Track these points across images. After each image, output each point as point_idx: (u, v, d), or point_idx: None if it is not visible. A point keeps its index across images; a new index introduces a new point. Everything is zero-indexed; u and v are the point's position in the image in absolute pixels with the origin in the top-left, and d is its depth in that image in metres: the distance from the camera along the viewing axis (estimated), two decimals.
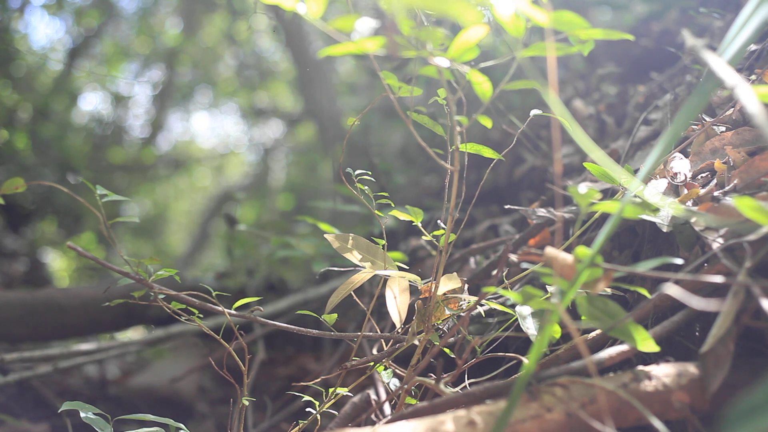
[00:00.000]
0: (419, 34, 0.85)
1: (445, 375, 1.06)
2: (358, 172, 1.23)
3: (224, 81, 9.07)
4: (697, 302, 0.77)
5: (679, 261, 0.92)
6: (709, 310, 0.80)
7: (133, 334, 3.47)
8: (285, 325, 1.24)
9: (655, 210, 1.11)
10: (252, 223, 6.68)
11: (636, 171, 1.45)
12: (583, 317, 0.92)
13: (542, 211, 1.54)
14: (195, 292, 1.19)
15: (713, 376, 0.86)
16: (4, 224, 5.04)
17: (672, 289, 0.80)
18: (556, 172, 0.81)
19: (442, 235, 1.14)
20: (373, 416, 1.36)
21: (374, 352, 1.47)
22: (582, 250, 0.86)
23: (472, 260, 1.88)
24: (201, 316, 1.23)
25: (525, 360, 1.08)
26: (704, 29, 2.01)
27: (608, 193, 1.54)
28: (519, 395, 0.78)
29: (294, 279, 3.65)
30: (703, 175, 1.25)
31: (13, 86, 6.01)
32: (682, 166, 1.27)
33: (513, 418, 0.82)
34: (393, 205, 1.28)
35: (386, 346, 1.27)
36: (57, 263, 6.00)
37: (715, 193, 1.13)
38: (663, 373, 0.88)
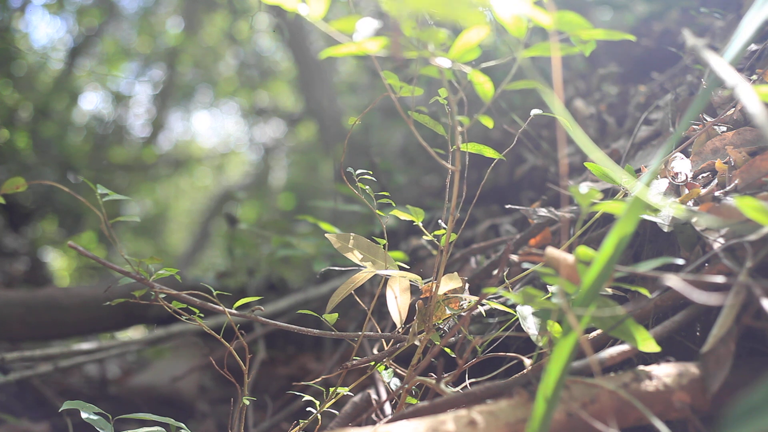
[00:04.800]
0: (421, 35, 0.85)
1: (445, 375, 1.06)
2: (358, 171, 1.23)
3: (225, 80, 9.07)
4: (698, 296, 0.77)
5: (680, 261, 0.92)
6: (710, 304, 0.80)
7: (134, 333, 3.48)
8: (286, 324, 1.25)
9: (656, 210, 1.11)
10: (253, 222, 6.68)
11: (637, 171, 1.45)
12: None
13: (543, 211, 1.54)
14: (196, 292, 1.19)
15: (714, 376, 0.86)
16: (4, 223, 5.04)
17: (673, 281, 0.79)
18: (562, 172, 0.81)
19: (443, 234, 1.15)
20: (373, 416, 1.36)
21: (375, 351, 1.47)
22: (583, 251, 0.86)
23: (472, 260, 1.88)
24: (202, 315, 1.23)
25: (526, 360, 1.09)
26: (705, 29, 2.00)
27: (609, 193, 1.54)
28: (559, 391, 0.78)
29: (295, 278, 3.65)
30: (704, 175, 1.25)
31: (13, 85, 6.01)
32: (683, 166, 1.27)
33: (513, 417, 0.82)
34: (394, 205, 1.28)
35: (387, 345, 1.27)
36: (57, 262, 6.00)
37: (716, 193, 1.13)
38: (664, 373, 0.88)
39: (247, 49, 8.41)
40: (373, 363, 1.24)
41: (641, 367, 0.89)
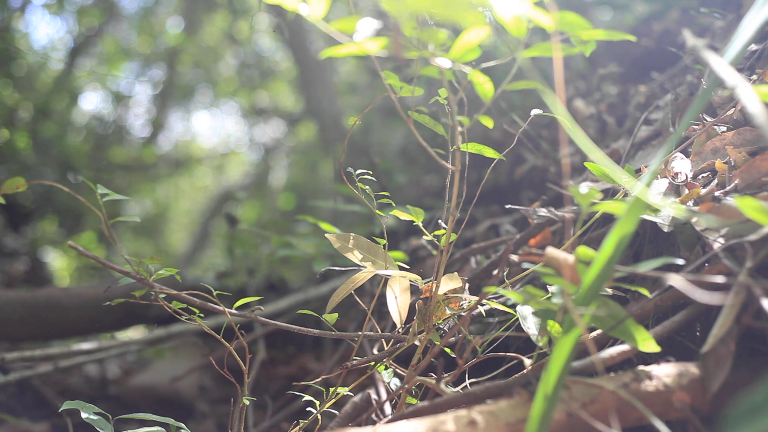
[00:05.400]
0: (421, 35, 0.85)
1: (445, 375, 1.06)
2: (358, 171, 1.23)
3: (225, 80, 9.08)
4: (699, 294, 0.77)
5: (680, 261, 0.92)
6: (711, 303, 0.80)
7: (134, 333, 3.48)
8: (286, 324, 1.25)
9: (656, 210, 1.11)
10: (253, 222, 6.68)
11: (637, 171, 1.45)
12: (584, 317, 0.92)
13: (543, 211, 1.54)
14: (196, 292, 1.19)
15: (714, 376, 0.86)
16: (4, 223, 5.04)
17: (675, 280, 0.79)
18: (564, 171, 0.81)
19: (443, 234, 1.15)
20: (373, 416, 1.36)
21: (375, 351, 1.47)
22: (583, 251, 0.86)
23: (472, 260, 1.88)
24: (202, 315, 1.23)
25: (526, 360, 1.09)
26: (705, 29, 2.01)
27: (609, 193, 1.54)
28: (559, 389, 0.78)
29: (295, 278, 3.66)
30: (704, 175, 1.25)
31: (14, 85, 6.01)
32: (683, 166, 1.27)
33: (513, 417, 0.82)
34: (394, 205, 1.28)
35: (387, 345, 1.27)
36: (58, 262, 6.00)
37: (716, 193, 1.13)
38: (664, 373, 0.88)
39: (247, 49, 8.41)
40: (373, 363, 1.24)
41: (641, 367, 0.89)
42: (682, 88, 1.77)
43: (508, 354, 1.19)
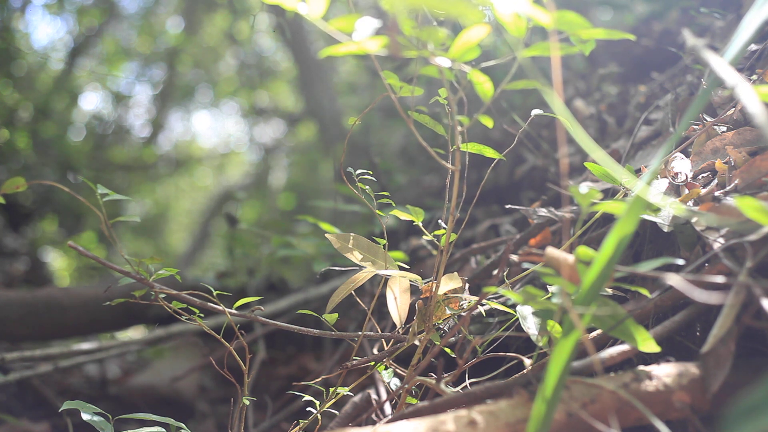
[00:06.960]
0: (420, 34, 0.85)
1: (445, 375, 1.06)
2: (358, 171, 1.23)
3: (225, 80, 9.08)
4: (699, 294, 0.77)
5: (680, 261, 0.92)
6: (710, 303, 0.80)
7: (134, 333, 3.48)
8: (286, 324, 1.24)
9: (656, 210, 1.11)
10: (253, 222, 6.69)
11: (637, 171, 1.45)
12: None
13: (543, 211, 1.54)
14: (196, 292, 1.18)
15: (714, 376, 0.86)
16: (4, 223, 5.04)
17: (674, 280, 0.79)
18: (562, 171, 0.81)
19: (443, 234, 1.14)
20: (373, 416, 1.36)
21: (375, 351, 1.47)
22: (583, 251, 0.86)
23: (472, 260, 1.88)
24: (202, 315, 1.23)
25: (526, 360, 1.08)
26: (705, 29, 2.01)
27: (609, 193, 1.54)
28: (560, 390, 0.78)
29: (295, 278, 3.66)
30: (704, 175, 1.25)
31: (14, 85, 6.02)
32: (683, 166, 1.26)
33: (513, 417, 0.82)
34: (394, 205, 1.28)
35: (387, 345, 1.27)
36: (58, 262, 6.00)
37: (716, 193, 1.13)
38: (664, 373, 0.88)
39: (247, 49, 8.41)
40: (373, 363, 1.24)
41: (641, 367, 0.89)
42: (682, 88, 1.77)
43: (508, 354, 1.19)
